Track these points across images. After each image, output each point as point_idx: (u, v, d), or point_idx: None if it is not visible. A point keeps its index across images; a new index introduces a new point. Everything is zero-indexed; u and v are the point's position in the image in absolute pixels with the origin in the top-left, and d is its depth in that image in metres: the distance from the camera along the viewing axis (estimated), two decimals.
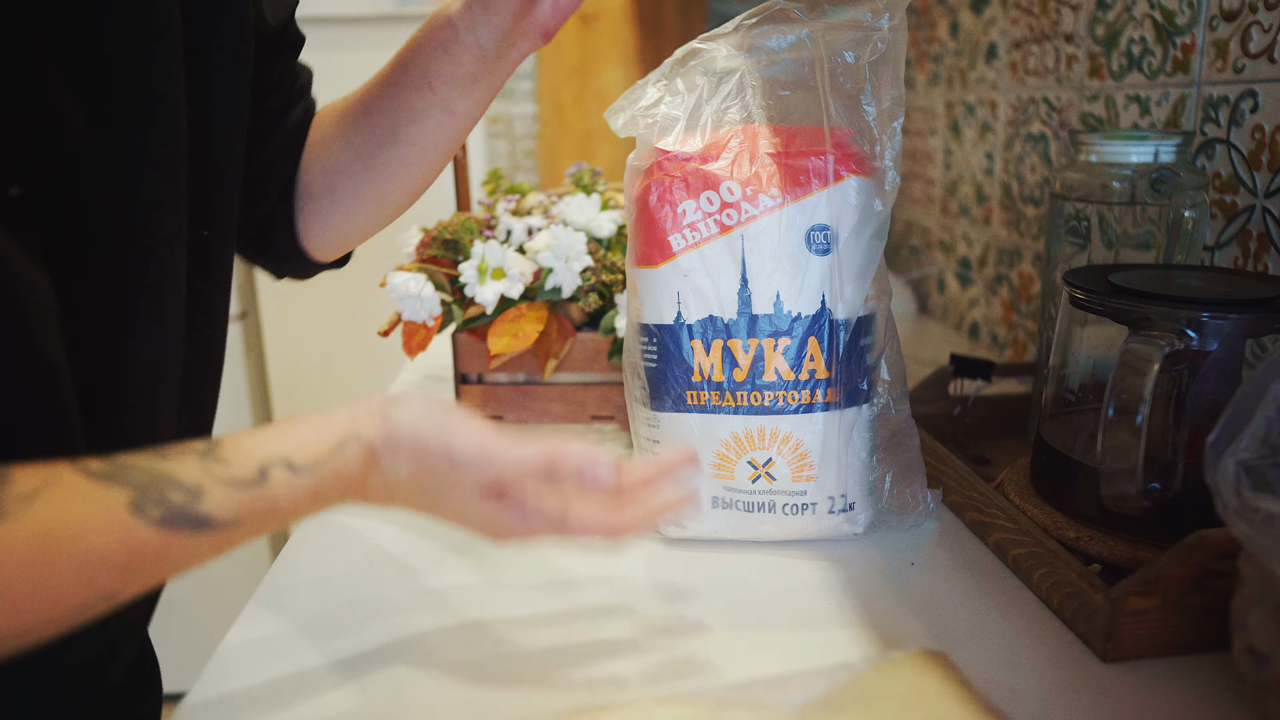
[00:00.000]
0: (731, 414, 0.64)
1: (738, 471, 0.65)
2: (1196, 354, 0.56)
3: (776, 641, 0.55)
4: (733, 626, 0.56)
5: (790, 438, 0.64)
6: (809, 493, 0.65)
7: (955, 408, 0.85)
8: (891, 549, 0.66)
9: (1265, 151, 0.69)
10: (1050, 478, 0.66)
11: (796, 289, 0.63)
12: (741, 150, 0.64)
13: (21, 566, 0.35)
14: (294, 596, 0.60)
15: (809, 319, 0.63)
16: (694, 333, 0.64)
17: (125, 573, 0.38)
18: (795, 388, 0.64)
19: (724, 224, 0.63)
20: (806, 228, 0.63)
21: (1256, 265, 0.71)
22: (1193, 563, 0.50)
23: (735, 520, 0.66)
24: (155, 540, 0.38)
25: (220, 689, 0.51)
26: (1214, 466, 0.45)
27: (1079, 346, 0.67)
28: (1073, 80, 0.96)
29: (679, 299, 0.64)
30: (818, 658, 0.53)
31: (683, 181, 0.64)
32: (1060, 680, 0.51)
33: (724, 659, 0.53)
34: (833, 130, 0.64)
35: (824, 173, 0.63)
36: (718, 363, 0.64)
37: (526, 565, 0.64)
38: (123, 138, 0.45)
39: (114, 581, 0.38)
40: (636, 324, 0.68)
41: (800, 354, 0.63)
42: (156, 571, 0.39)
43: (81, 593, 0.37)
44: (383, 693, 0.50)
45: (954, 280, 1.30)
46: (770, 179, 0.63)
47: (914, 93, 1.42)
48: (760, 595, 0.60)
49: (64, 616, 0.37)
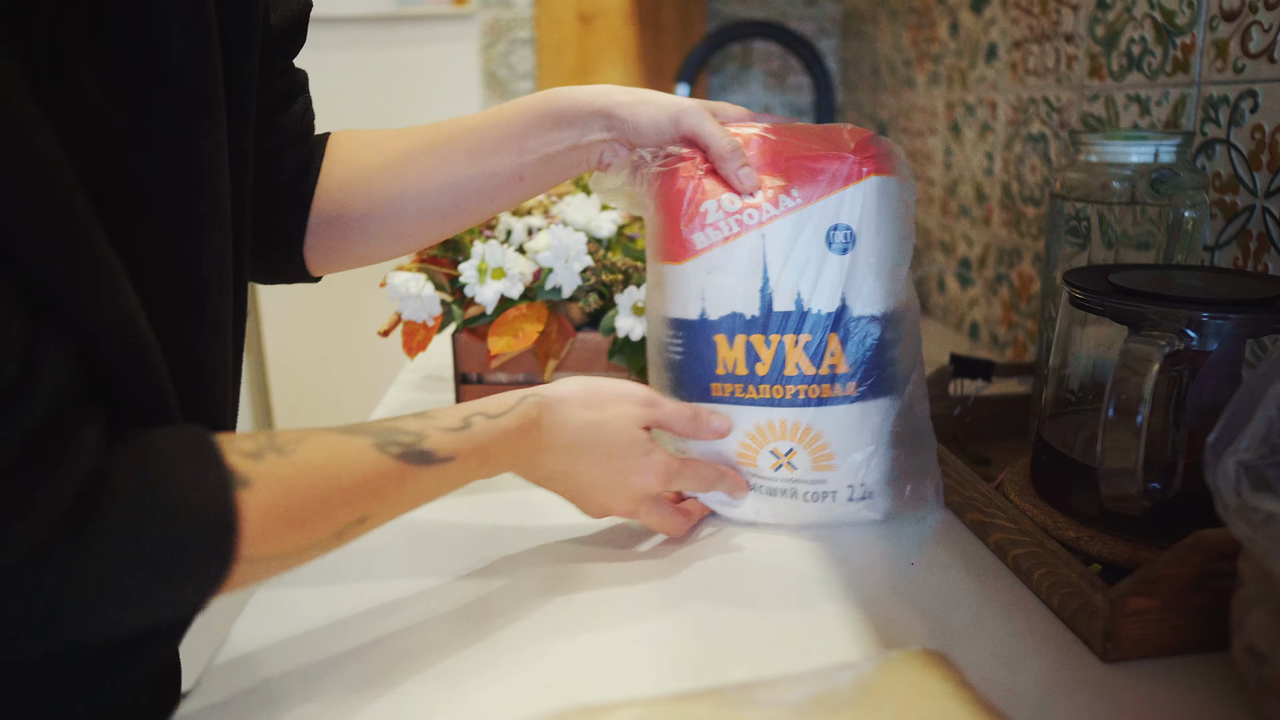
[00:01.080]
0: (754, 406, 0.66)
1: (760, 460, 0.67)
2: (1196, 354, 0.56)
3: (775, 641, 0.55)
4: (732, 626, 0.56)
5: (810, 430, 0.66)
6: (829, 481, 0.67)
7: (955, 408, 0.85)
8: (891, 548, 0.66)
9: (1265, 151, 0.69)
10: (1050, 478, 0.66)
11: (817, 287, 0.65)
12: (762, 151, 0.66)
13: (305, 489, 0.43)
14: (294, 596, 0.60)
15: (829, 315, 0.65)
16: (718, 328, 0.66)
17: (375, 499, 0.47)
18: (815, 382, 0.65)
19: (745, 224, 0.65)
20: (827, 227, 0.65)
21: (1256, 265, 0.71)
22: (1193, 563, 0.50)
23: (759, 505, 0.68)
24: (396, 471, 0.48)
25: (220, 689, 0.51)
26: (1214, 466, 0.45)
27: (1079, 346, 0.67)
28: (1073, 80, 0.96)
29: (703, 295, 0.66)
30: (817, 657, 0.53)
31: (705, 182, 0.66)
32: (1060, 680, 0.51)
33: (723, 658, 0.53)
34: (851, 130, 0.67)
35: (844, 174, 0.65)
36: (741, 357, 0.66)
37: (527, 564, 0.64)
38: (177, 138, 0.46)
39: (369, 506, 0.47)
40: (663, 317, 0.69)
41: (820, 349, 0.65)
42: (399, 499, 0.49)
43: (345, 514, 0.46)
44: (383, 693, 0.50)
45: (954, 280, 1.30)
46: (791, 180, 0.65)
47: (914, 93, 1.42)
48: (759, 595, 0.60)
49: (332, 538, 0.46)
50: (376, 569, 0.63)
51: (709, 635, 0.55)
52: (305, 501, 0.43)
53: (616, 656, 0.53)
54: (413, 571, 0.63)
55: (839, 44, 1.92)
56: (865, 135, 0.67)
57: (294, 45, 0.66)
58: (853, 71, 1.83)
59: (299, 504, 0.43)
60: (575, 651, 0.54)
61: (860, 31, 1.76)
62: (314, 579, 0.62)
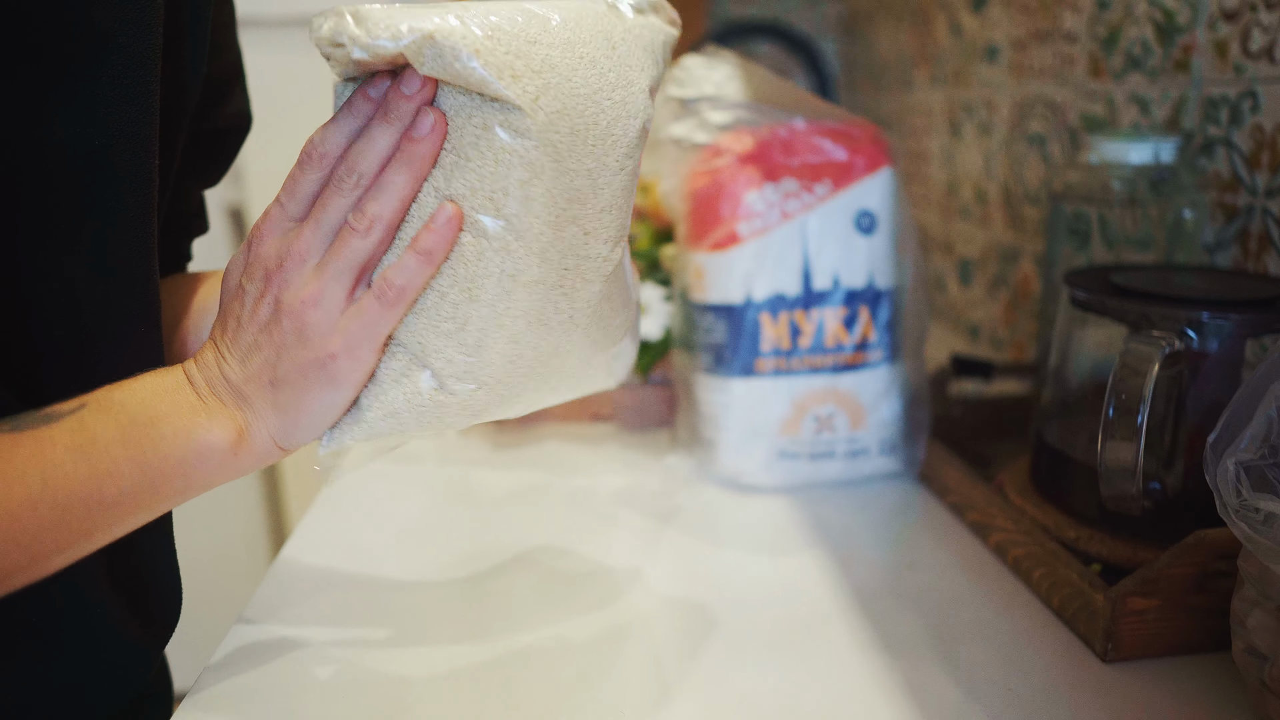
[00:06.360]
0: (796, 376, 0.74)
1: (804, 426, 0.75)
2: (1196, 354, 0.56)
3: (774, 640, 0.55)
4: (729, 625, 0.56)
5: (848, 393, 0.75)
6: (862, 439, 0.76)
7: (955, 408, 0.85)
8: (892, 549, 0.66)
9: (1265, 151, 0.69)
10: (1050, 478, 0.66)
11: (849, 266, 0.74)
12: (795, 143, 0.74)
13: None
14: (294, 596, 0.60)
15: (860, 290, 0.75)
16: (763, 308, 0.74)
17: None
18: (850, 350, 0.75)
19: (786, 212, 0.73)
20: (854, 213, 0.74)
21: (1256, 265, 0.71)
22: (1193, 563, 0.50)
23: (801, 468, 0.75)
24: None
25: (220, 688, 0.51)
26: (1214, 466, 0.45)
27: (1079, 346, 0.67)
28: (1073, 80, 0.95)
29: (748, 280, 0.73)
30: (816, 659, 0.53)
31: (743, 173, 0.73)
32: (1060, 680, 0.51)
33: (723, 658, 0.53)
34: (865, 126, 0.76)
35: (865, 165, 0.74)
36: (785, 333, 0.74)
37: (528, 564, 0.64)
38: (98, 101, 0.43)
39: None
40: (701, 303, 0.76)
41: (854, 321, 0.75)
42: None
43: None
44: (383, 692, 0.50)
45: (954, 280, 1.30)
46: (823, 172, 0.74)
47: (914, 93, 1.42)
48: (759, 596, 0.60)
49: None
50: (376, 569, 0.63)
51: (707, 636, 0.55)
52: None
53: (618, 657, 0.53)
54: (411, 570, 0.63)
55: (839, 44, 1.92)
56: (873, 128, 0.76)
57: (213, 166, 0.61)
58: (853, 71, 1.83)
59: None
60: (576, 652, 0.54)
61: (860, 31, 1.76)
62: (314, 579, 0.62)
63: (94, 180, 0.43)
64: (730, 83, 0.79)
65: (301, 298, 0.42)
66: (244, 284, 0.44)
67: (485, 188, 0.42)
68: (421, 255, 0.42)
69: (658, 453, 0.83)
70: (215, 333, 0.45)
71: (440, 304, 0.43)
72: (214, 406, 0.43)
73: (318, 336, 0.42)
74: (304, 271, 0.43)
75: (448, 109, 0.42)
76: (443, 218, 0.42)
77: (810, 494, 0.74)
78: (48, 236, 0.43)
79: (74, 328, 0.45)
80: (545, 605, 0.59)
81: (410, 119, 0.42)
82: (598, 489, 0.76)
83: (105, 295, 0.45)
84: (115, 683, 0.50)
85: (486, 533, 0.68)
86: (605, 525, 0.70)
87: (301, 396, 0.43)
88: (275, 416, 0.43)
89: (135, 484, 0.41)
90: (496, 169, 0.41)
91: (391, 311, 0.43)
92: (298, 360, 0.43)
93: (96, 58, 0.42)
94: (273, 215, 0.44)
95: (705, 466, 0.77)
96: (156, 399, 0.42)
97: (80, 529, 0.40)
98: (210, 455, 0.42)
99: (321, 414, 0.44)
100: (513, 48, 0.41)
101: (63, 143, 0.42)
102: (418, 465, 0.81)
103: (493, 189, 0.42)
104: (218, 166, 0.61)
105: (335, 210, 0.43)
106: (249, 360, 0.43)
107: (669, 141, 0.78)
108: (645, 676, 0.52)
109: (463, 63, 0.39)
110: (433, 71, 0.40)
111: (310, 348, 0.42)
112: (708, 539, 0.68)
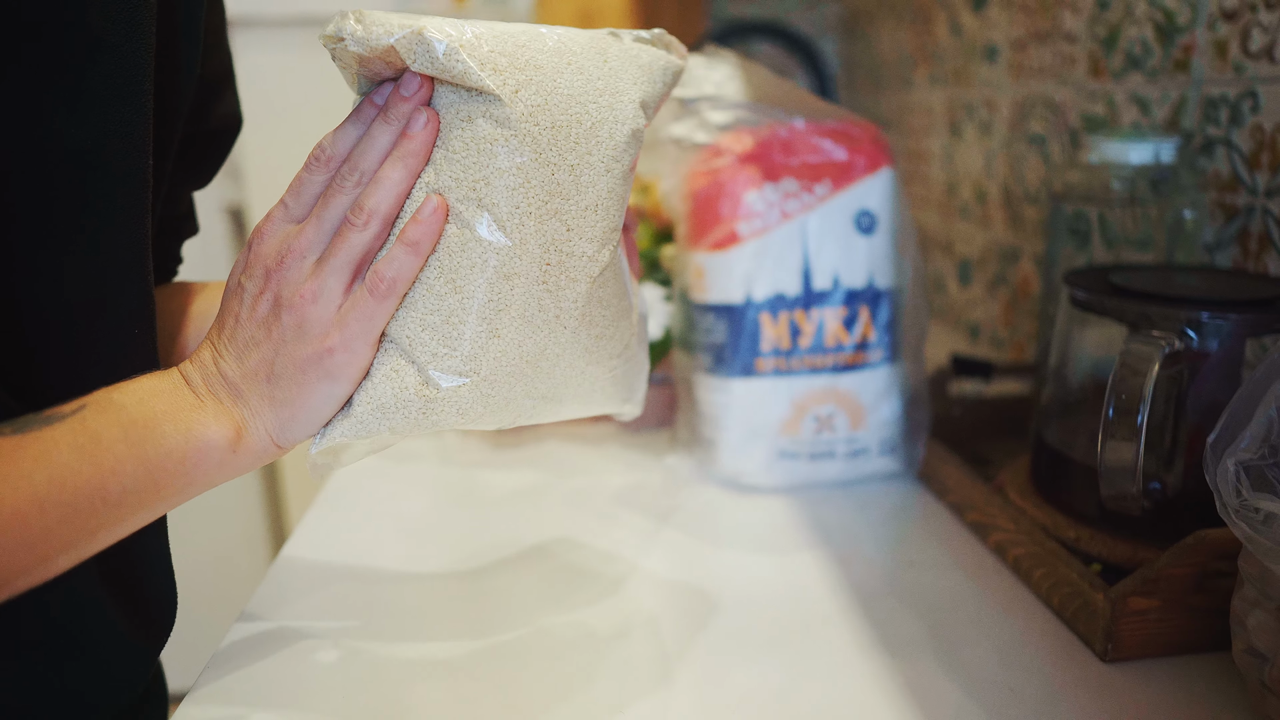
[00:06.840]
0: (796, 376, 0.74)
1: (804, 426, 0.75)
2: (1196, 354, 0.56)
3: (774, 640, 0.55)
4: (729, 625, 0.56)
5: (848, 393, 0.75)
6: (862, 439, 0.75)
7: (955, 408, 0.85)
8: (891, 549, 0.66)
9: (1265, 151, 0.69)
10: (1050, 478, 0.66)
11: (849, 266, 0.74)
12: (795, 143, 0.74)
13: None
14: (295, 594, 0.60)
15: (860, 290, 0.74)
16: (762, 308, 0.73)
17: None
18: (850, 350, 0.75)
19: (786, 212, 0.73)
20: (854, 212, 0.74)
21: (1256, 265, 0.71)
22: (1193, 563, 0.50)
23: (801, 468, 0.75)
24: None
25: (220, 689, 0.51)
26: (1214, 466, 0.45)
27: (1079, 346, 0.67)
28: (1073, 80, 0.95)
29: (748, 279, 0.73)
30: (815, 659, 0.53)
31: (743, 173, 0.73)
32: (1060, 680, 0.51)
33: (721, 659, 0.53)
34: (865, 126, 0.76)
35: (865, 165, 0.74)
36: (785, 333, 0.74)
37: (529, 563, 0.64)
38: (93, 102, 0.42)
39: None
40: (701, 303, 0.75)
41: (854, 321, 0.74)
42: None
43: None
44: (384, 689, 0.50)
45: (954, 280, 1.30)
46: (823, 172, 0.74)
47: (914, 93, 1.42)
48: (759, 598, 0.60)
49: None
50: (377, 567, 0.63)
51: (705, 638, 0.55)
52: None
53: (618, 656, 0.53)
54: (411, 569, 0.63)
55: (839, 44, 1.92)
56: (873, 128, 0.75)
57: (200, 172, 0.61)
58: (853, 71, 1.83)
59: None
60: (576, 651, 0.54)
61: (860, 31, 1.76)
62: (313, 578, 0.62)
63: (89, 180, 0.43)
64: (730, 83, 0.78)
65: (301, 293, 0.43)
66: (243, 281, 0.44)
67: (469, 178, 0.43)
68: (409, 246, 0.43)
69: (658, 453, 0.83)
70: (213, 332, 0.45)
71: (426, 296, 0.44)
72: (211, 404, 0.43)
73: (316, 331, 0.43)
74: (303, 267, 0.43)
75: (440, 106, 0.43)
76: (429, 209, 0.43)
77: (810, 494, 0.74)
78: (43, 237, 0.43)
79: (69, 328, 0.45)
80: (546, 604, 0.59)
81: (408, 118, 0.43)
82: (598, 489, 0.76)
83: (100, 295, 0.45)
84: (115, 684, 0.50)
85: (487, 532, 0.69)
86: (606, 525, 0.70)
87: (299, 392, 0.43)
88: (272, 412, 0.44)
89: (138, 482, 0.41)
90: (479, 159, 0.43)
91: (384, 304, 0.43)
92: (296, 355, 0.43)
93: (90, 58, 0.42)
94: (275, 216, 0.45)
95: (705, 466, 0.77)
96: (155, 399, 0.42)
97: (85, 528, 0.40)
98: (210, 453, 0.42)
99: (318, 409, 0.44)
100: (498, 47, 0.42)
101: (57, 143, 0.42)
102: (418, 465, 0.81)
103: (475, 179, 0.43)
104: (208, 167, 0.61)
105: (336, 207, 0.43)
106: (246, 357, 0.43)
107: (669, 141, 0.78)
108: (645, 675, 0.52)
109: (448, 55, 0.41)
110: (423, 67, 0.42)
111: (309, 342, 0.43)
112: (708, 539, 0.68)
